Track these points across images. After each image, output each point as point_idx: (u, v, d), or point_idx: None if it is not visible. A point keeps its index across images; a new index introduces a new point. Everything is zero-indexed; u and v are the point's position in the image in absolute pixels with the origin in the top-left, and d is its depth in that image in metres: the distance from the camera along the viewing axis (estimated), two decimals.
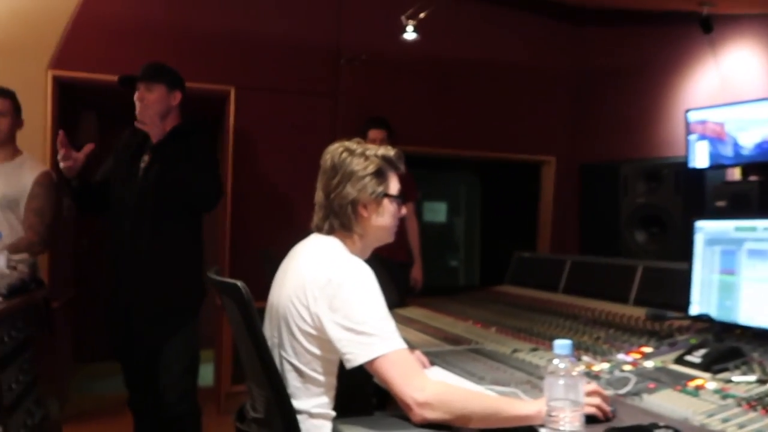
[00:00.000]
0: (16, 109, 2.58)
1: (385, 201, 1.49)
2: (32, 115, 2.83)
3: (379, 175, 1.47)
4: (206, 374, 3.64)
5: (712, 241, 1.91)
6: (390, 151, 1.52)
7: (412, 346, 1.88)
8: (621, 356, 1.76)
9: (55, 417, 2.25)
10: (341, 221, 1.46)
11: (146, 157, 2.44)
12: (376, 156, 1.48)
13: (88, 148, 2.35)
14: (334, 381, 1.39)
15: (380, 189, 1.47)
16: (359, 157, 1.47)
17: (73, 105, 3.88)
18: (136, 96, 2.43)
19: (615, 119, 4.13)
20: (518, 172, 4.95)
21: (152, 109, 2.41)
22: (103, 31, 3.34)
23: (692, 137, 3.27)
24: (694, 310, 1.91)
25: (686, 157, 3.29)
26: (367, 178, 1.46)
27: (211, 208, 2.51)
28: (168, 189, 2.33)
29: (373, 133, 3.35)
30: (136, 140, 2.50)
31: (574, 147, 4.42)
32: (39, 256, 2.61)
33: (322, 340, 1.34)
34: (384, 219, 1.50)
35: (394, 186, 1.51)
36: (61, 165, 2.30)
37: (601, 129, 4.24)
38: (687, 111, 3.33)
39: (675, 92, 3.81)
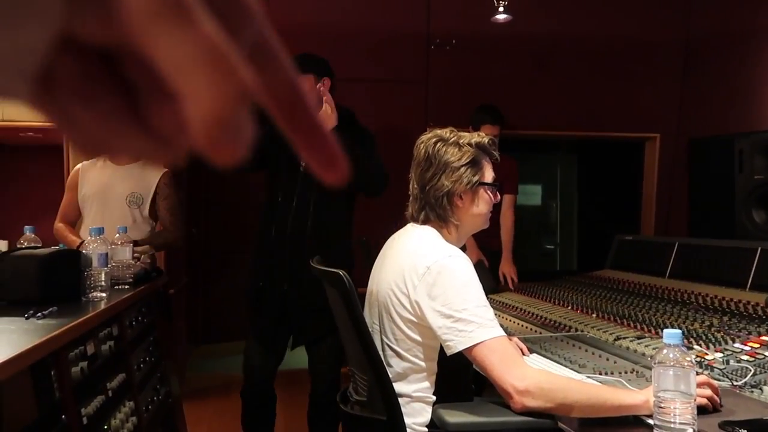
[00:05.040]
0: None
1: (481, 190, 1.49)
2: None
3: (474, 164, 1.47)
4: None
5: None
6: (484, 138, 1.51)
7: (509, 333, 1.88)
8: (737, 345, 1.65)
9: (176, 394, 2.45)
10: (437, 213, 1.47)
11: None
12: (470, 145, 1.48)
13: None
14: (435, 366, 1.42)
15: (476, 178, 1.47)
16: (453, 146, 1.47)
17: None
18: None
19: (728, 90, 3.82)
20: (618, 150, 4.71)
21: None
22: None
23: None
24: None
25: None
26: (462, 169, 1.45)
27: (379, 192, 2.50)
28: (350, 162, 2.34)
29: (487, 129, 3.11)
30: None
31: (681, 122, 4.13)
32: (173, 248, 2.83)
33: (423, 327, 1.37)
34: (480, 207, 1.50)
35: (489, 174, 1.50)
36: None
37: (713, 101, 3.93)
38: None
39: None
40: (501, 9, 3.51)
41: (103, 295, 1.80)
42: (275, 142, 2.06)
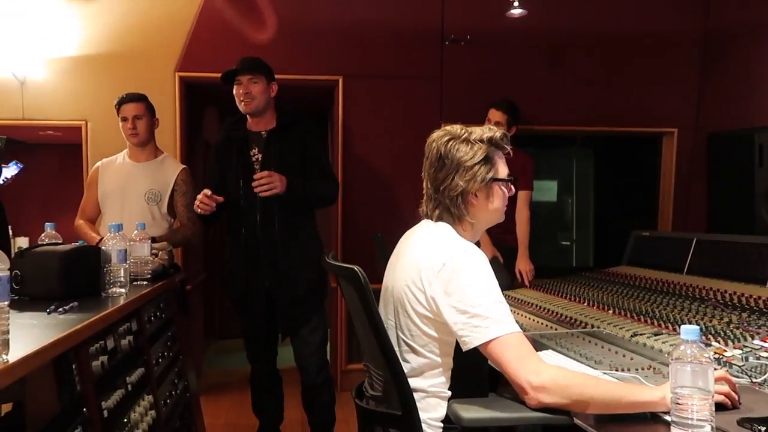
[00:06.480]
0: (150, 110, 2.84)
1: (495, 186, 1.47)
2: (163, 114, 3.09)
3: (487, 161, 1.45)
4: None
5: None
6: (496, 133, 1.48)
7: (524, 329, 1.87)
8: (757, 342, 1.64)
9: (193, 389, 2.49)
10: (452, 212, 1.46)
11: (255, 151, 2.60)
12: (481, 141, 1.45)
13: (219, 199, 2.47)
14: (450, 362, 1.42)
15: (489, 175, 1.45)
16: (464, 143, 1.45)
17: (198, 102, 4.19)
18: (241, 90, 2.54)
19: (747, 83, 3.75)
20: (634, 145, 4.66)
21: (258, 99, 2.54)
22: (221, 33, 3.57)
23: None
24: None
25: None
26: (476, 167, 1.44)
27: (331, 204, 2.81)
28: (291, 200, 2.51)
29: (491, 114, 3.26)
30: (236, 136, 2.64)
31: (699, 116, 4.07)
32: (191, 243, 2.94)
33: (438, 323, 1.37)
34: (494, 203, 1.49)
35: (502, 168, 1.49)
36: (201, 210, 2.46)
37: (732, 95, 3.87)
38: None
39: None
40: (516, 4, 3.49)
41: (123, 290, 1.82)
42: (227, 154, 2.16)
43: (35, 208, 4.99)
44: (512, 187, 1.53)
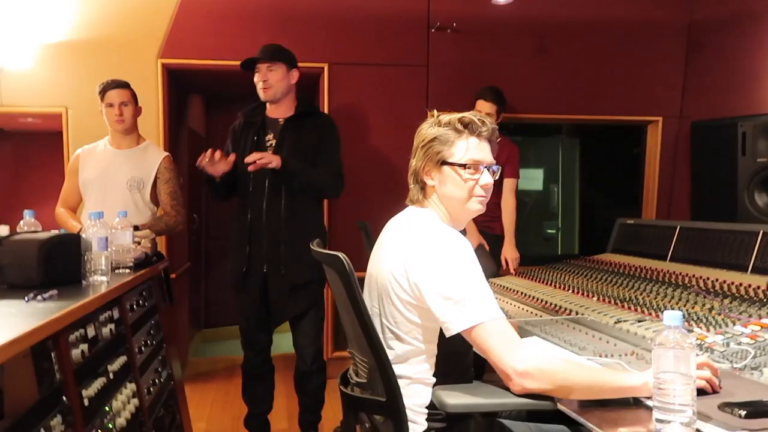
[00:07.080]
0: (134, 96, 2.79)
1: (445, 168, 1.44)
2: (145, 102, 3.04)
3: (440, 142, 1.44)
4: None
5: None
6: (458, 116, 1.44)
7: (509, 316, 1.88)
8: (738, 328, 1.65)
9: (178, 377, 2.46)
10: (412, 193, 1.49)
11: (270, 136, 2.60)
12: (438, 124, 1.46)
13: (233, 157, 2.48)
14: (435, 348, 1.42)
15: (438, 156, 1.43)
16: (429, 127, 1.47)
17: (182, 90, 4.13)
18: (258, 77, 2.56)
19: (731, 72, 3.78)
20: (620, 134, 4.68)
21: (275, 87, 2.55)
22: (204, 19, 3.52)
23: None
24: None
25: None
26: (426, 147, 1.45)
27: (335, 196, 2.79)
28: (285, 176, 2.50)
29: (480, 105, 3.23)
30: (254, 120, 2.63)
31: (684, 105, 4.10)
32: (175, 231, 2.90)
33: (422, 309, 1.37)
34: (449, 188, 1.45)
35: (459, 153, 1.43)
36: (210, 170, 2.44)
37: (716, 84, 3.90)
38: None
39: None
40: None
41: (104, 278, 1.79)
42: (243, 138, 2.13)
43: (15, 196, 4.90)
44: (481, 171, 1.43)
